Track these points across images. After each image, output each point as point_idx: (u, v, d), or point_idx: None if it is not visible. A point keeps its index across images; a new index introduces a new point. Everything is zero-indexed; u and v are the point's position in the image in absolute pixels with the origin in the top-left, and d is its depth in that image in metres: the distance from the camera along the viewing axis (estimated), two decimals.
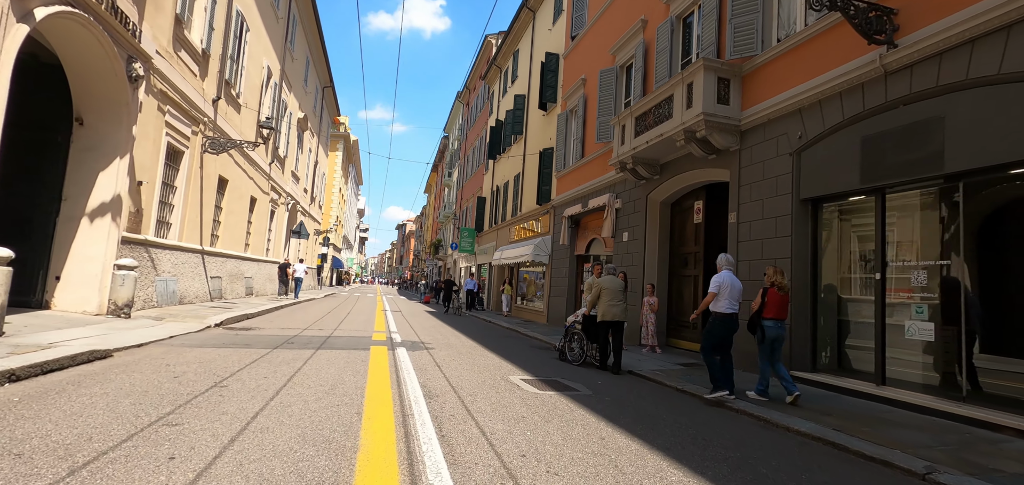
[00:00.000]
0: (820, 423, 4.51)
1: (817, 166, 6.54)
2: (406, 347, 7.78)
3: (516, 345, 9.74)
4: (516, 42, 22.75)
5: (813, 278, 6.63)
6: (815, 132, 6.52)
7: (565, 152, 15.15)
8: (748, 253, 7.48)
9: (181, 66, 10.23)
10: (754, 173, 7.52)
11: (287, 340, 7.60)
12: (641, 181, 10.62)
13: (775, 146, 7.16)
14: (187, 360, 5.34)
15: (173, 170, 10.68)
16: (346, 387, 4.64)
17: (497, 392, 5.01)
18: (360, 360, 6.21)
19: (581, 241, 14.25)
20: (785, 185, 6.91)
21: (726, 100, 7.84)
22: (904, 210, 5.82)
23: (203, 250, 12.43)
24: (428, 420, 3.72)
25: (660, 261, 10.46)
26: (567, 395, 5.20)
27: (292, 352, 6.44)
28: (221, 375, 4.72)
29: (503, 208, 22.35)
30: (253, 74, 15.22)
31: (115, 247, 8.29)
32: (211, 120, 12.02)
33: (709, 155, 8.38)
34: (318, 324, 10.56)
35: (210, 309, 10.68)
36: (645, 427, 4.16)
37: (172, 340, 6.76)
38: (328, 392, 4.37)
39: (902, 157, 5.47)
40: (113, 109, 8.30)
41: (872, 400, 5.52)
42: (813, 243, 6.68)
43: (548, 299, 15.84)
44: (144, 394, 3.83)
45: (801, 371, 6.50)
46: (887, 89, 5.60)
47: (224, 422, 3.28)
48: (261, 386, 4.40)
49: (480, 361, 7.04)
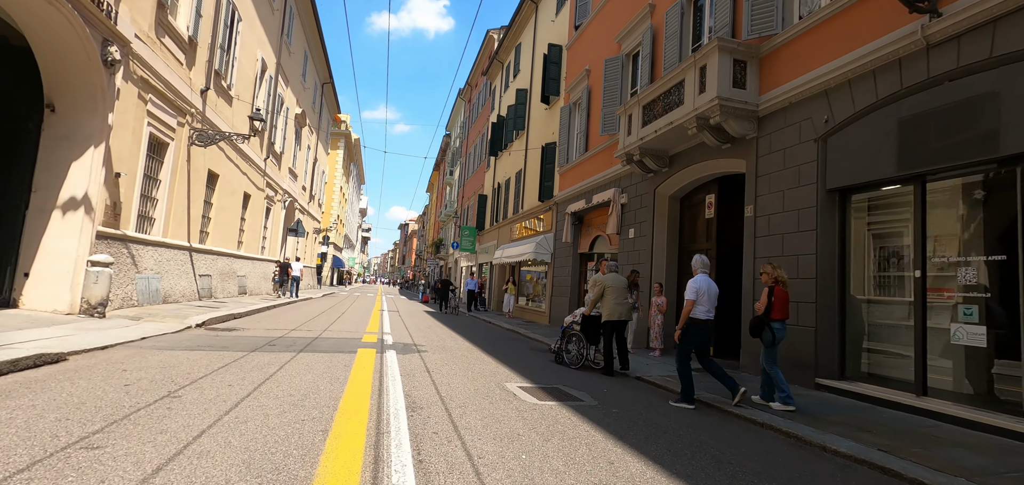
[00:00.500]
0: (860, 441, 3.92)
1: (846, 153, 5.94)
2: (397, 350, 7.24)
3: (516, 348, 9.18)
4: (518, 36, 22.20)
5: (841, 276, 6.04)
6: (843, 116, 5.93)
7: (568, 146, 14.57)
8: (767, 249, 6.89)
9: (164, 53, 9.73)
10: (774, 162, 6.93)
11: (269, 342, 7.07)
12: (649, 174, 10.04)
13: (797, 132, 6.56)
14: (149, 365, 4.81)
15: (157, 162, 10.18)
16: (319, 397, 4.09)
17: (491, 403, 4.45)
18: (343, 365, 5.67)
19: (585, 238, 13.67)
20: (809, 174, 6.31)
21: (742, 84, 7.25)
22: (948, 199, 5.22)
23: (191, 247, 11.93)
24: (406, 440, 3.17)
25: (669, 259, 9.87)
26: (569, 406, 4.64)
27: (270, 355, 5.91)
28: (180, 383, 4.19)
29: (504, 206, 21.80)
30: (246, 66, 14.73)
31: (89, 242, 7.79)
32: (199, 111, 11.52)
33: (723, 144, 7.79)
34: (309, 324, 10.03)
35: (195, 309, 10.18)
36: (659, 446, 3.59)
37: (143, 342, 6.24)
38: (296, 404, 3.83)
39: (947, 140, 4.87)
40: (87, 95, 7.80)
41: (912, 413, 4.92)
42: (841, 237, 6.09)
43: (550, 299, 15.27)
44: (78, 407, 3.30)
45: (828, 379, 5.90)
46: (929, 64, 5.01)
47: (157, 445, 2.74)
48: (221, 396, 3.86)
49: (475, 366, 6.48)
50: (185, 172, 11.23)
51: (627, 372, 6.93)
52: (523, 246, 17.56)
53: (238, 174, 14.97)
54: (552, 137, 16.23)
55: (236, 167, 14.72)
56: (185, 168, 11.21)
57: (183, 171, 11.14)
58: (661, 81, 8.63)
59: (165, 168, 10.40)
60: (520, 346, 9.55)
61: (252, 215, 16.98)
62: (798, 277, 6.31)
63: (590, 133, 13.25)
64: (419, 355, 6.97)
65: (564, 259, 14.27)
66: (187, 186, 11.41)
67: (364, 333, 9.23)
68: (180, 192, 11.10)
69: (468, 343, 9.04)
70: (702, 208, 9.42)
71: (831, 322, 5.97)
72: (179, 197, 11.07)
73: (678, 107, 8.06)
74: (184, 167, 11.15)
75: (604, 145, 12.19)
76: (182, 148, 10.91)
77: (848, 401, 5.46)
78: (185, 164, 11.19)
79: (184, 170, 11.18)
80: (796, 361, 6.19)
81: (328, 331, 9.11)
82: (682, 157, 9.14)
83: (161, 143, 10.15)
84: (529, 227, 18.21)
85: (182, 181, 11.14)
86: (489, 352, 7.97)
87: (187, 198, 11.48)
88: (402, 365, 5.99)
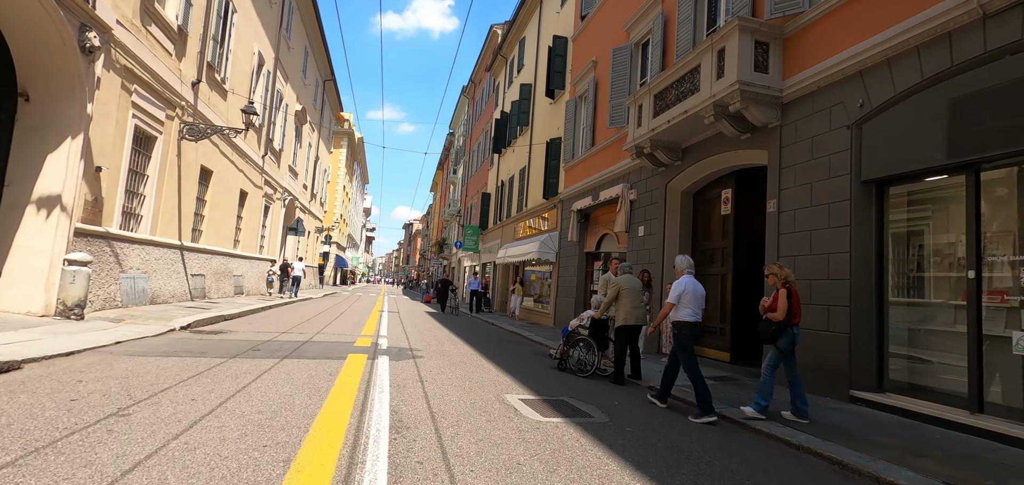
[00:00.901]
0: (919, 470, 3.35)
1: (884, 140, 5.35)
2: (390, 356, 6.73)
3: (519, 353, 8.65)
4: (522, 29, 21.65)
5: (878, 276, 5.45)
6: (882, 98, 5.34)
7: (574, 141, 14.01)
8: (792, 247, 6.31)
9: (151, 42, 9.28)
10: (800, 152, 6.34)
11: (254, 347, 6.58)
12: (660, 168, 9.46)
13: (827, 119, 5.98)
14: (110, 375, 4.33)
15: (144, 157, 9.74)
16: (291, 415, 3.58)
17: (488, 420, 3.92)
18: (327, 374, 5.16)
19: (591, 237, 13.11)
20: (841, 164, 5.73)
21: (764, 67, 6.67)
22: (1005, 191, 4.63)
23: (182, 245, 11.50)
24: (383, 474, 2.65)
25: None
26: (577, 423, 4.10)
27: (251, 362, 5.41)
28: (136, 398, 3.70)
29: (508, 204, 21.27)
30: (242, 59, 14.29)
31: (66, 239, 7.35)
32: (190, 105, 11.08)
33: (742, 134, 7.21)
34: (302, 326, 9.56)
35: (184, 310, 9.74)
36: (685, 477, 3.04)
37: (115, 347, 5.77)
38: (262, 424, 3.32)
39: (1007, 122, 4.28)
40: (64, 84, 7.36)
41: (967, 432, 4.34)
42: (878, 234, 5.50)
43: (555, 300, 14.72)
44: (2, 430, 2.81)
45: (864, 391, 5.32)
46: (986, 36, 4.42)
47: (73, 483, 2.23)
48: (178, 414, 3.36)
49: (474, 374, 5.96)
50: (175, 167, 10.79)
51: (639, 380, 6.39)
52: (527, 245, 17.02)
53: (234, 171, 14.54)
54: (557, 132, 15.68)
55: (232, 163, 14.29)
56: (175, 163, 10.76)
57: (173, 166, 10.70)
58: (674, 67, 8.06)
59: (153, 163, 9.95)
60: (523, 351, 9.03)
61: (249, 213, 16.56)
62: (829, 277, 5.73)
63: (597, 127, 12.68)
64: (414, 361, 6.46)
65: (569, 258, 13.72)
66: (178, 182, 10.97)
67: (359, 336, 8.74)
68: (170, 188, 10.66)
69: (468, 347, 8.52)
70: (717, 204, 8.84)
71: (867, 327, 5.39)
72: (169, 193, 10.63)
73: (693, 94, 7.49)
74: (174, 162, 10.71)
75: (612, 139, 11.63)
76: (172, 142, 10.47)
77: (889, 417, 4.88)
78: (176, 159, 10.74)
79: (174, 165, 10.73)
80: (828, 371, 5.62)
81: (321, 334, 8.63)
82: (696, 149, 8.56)
83: (148, 136, 9.71)
84: (533, 226, 17.67)
85: (172, 177, 10.70)
86: (490, 357, 7.44)
87: (178, 194, 11.05)
88: (394, 374, 5.48)
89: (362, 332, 9.42)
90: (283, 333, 8.32)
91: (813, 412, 4.85)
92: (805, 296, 5.92)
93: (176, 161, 10.80)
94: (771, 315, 4.72)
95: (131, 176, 9.29)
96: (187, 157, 11.27)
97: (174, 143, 10.58)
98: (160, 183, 10.18)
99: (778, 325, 4.65)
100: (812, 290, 5.94)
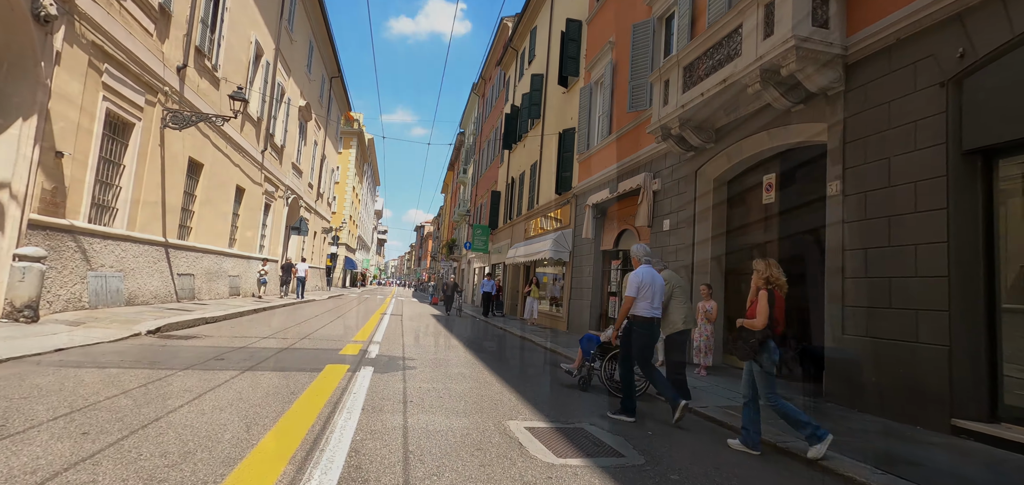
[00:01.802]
0: None
1: (993, 98, 4.18)
2: (376, 367, 5.71)
3: (530, 362, 7.59)
4: (534, 18, 20.64)
5: (987, 273, 4.27)
6: (991, 45, 4.17)
7: (589, 130, 12.92)
8: (863, 238, 5.14)
9: (125, 18, 8.47)
10: (873, 121, 5.18)
11: (219, 355, 5.64)
12: (689, 153, 8.33)
13: (911, 77, 4.81)
14: (17, 393, 3.39)
15: (120, 144, 8.93)
16: (205, 459, 2.58)
17: (482, 465, 2.87)
18: (289, 392, 4.17)
19: (608, 233, 11.99)
20: (932, 133, 4.56)
21: (824, 22, 5.52)
22: None
23: (167, 242, 10.69)
24: None
25: (715, 255, 8.13)
26: (603, 468, 3.02)
27: (204, 376, 4.45)
28: (18, 428, 2.74)
29: (519, 201, 20.23)
30: (237, 47, 13.51)
31: (16, 232, 6.52)
32: (175, 91, 10.27)
33: (795, 105, 6.06)
34: (289, 331, 8.64)
35: (161, 312, 8.89)
36: None
37: (55, 354, 4.89)
38: (149, 479, 2.31)
39: None
40: (14, 56, 6.54)
41: None
42: (985, 219, 4.32)
43: (568, 302, 13.62)
44: None
45: (970, 420, 4.14)
46: None
47: None
48: (37, 462, 2.38)
49: (473, 391, 4.92)
50: (158, 157, 9.97)
51: (684, 399, 5.25)
52: (539, 243, 15.94)
53: (228, 165, 13.75)
54: (570, 123, 14.59)
55: (226, 157, 13.50)
56: (158, 153, 9.95)
57: (156, 156, 9.88)
58: (708, 32, 6.93)
59: (131, 151, 9.14)
60: (535, 359, 7.96)
61: (247, 211, 15.79)
62: (917, 275, 4.56)
63: (615, 113, 11.58)
64: (403, 374, 5.44)
65: (584, 257, 12.61)
66: (161, 174, 10.16)
67: (349, 342, 7.77)
68: (152, 180, 9.85)
69: (470, 355, 7.48)
70: (758, 191, 7.66)
71: (974, 340, 4.21)
72: (151, 186, 9.82)
73: (733, 60, 6.36)
74: (157, 152, 9.90)
75: (632, 125, 10.52)
76: (153, 130, 9.66)
77: (1006, 455, 3.71)
78: (158, 148, 9.93)
79: (157, 155, 9.92)
80: (919, 393, 4.45)
81: (307, 339, 7.68)
82: (734, 128, 7.41)
83: (124, 122, 8.89)
84: (543, 227, 16.59)
85: (154, 168, 9.89)
86: (494, 369, 6.39)
87: (162, 188, 10.24)
88: (373, 391, 4.46)
89: (354, 337, 8.45)
90: (262, 339, 7.39)
91: (904, 448, 3.72)
92: (883, 298, 4.77)
93: (159, 151, 9.99)
94: (749, 322, 3.69)
95: (104, 165, 8.48)
96: (172, 147, 10.47)
97: (156, 131, 9.77)
98: (139, 174, 9.37)
99: (759, 335, 3.62)
100: (891, 291, 4.77)
